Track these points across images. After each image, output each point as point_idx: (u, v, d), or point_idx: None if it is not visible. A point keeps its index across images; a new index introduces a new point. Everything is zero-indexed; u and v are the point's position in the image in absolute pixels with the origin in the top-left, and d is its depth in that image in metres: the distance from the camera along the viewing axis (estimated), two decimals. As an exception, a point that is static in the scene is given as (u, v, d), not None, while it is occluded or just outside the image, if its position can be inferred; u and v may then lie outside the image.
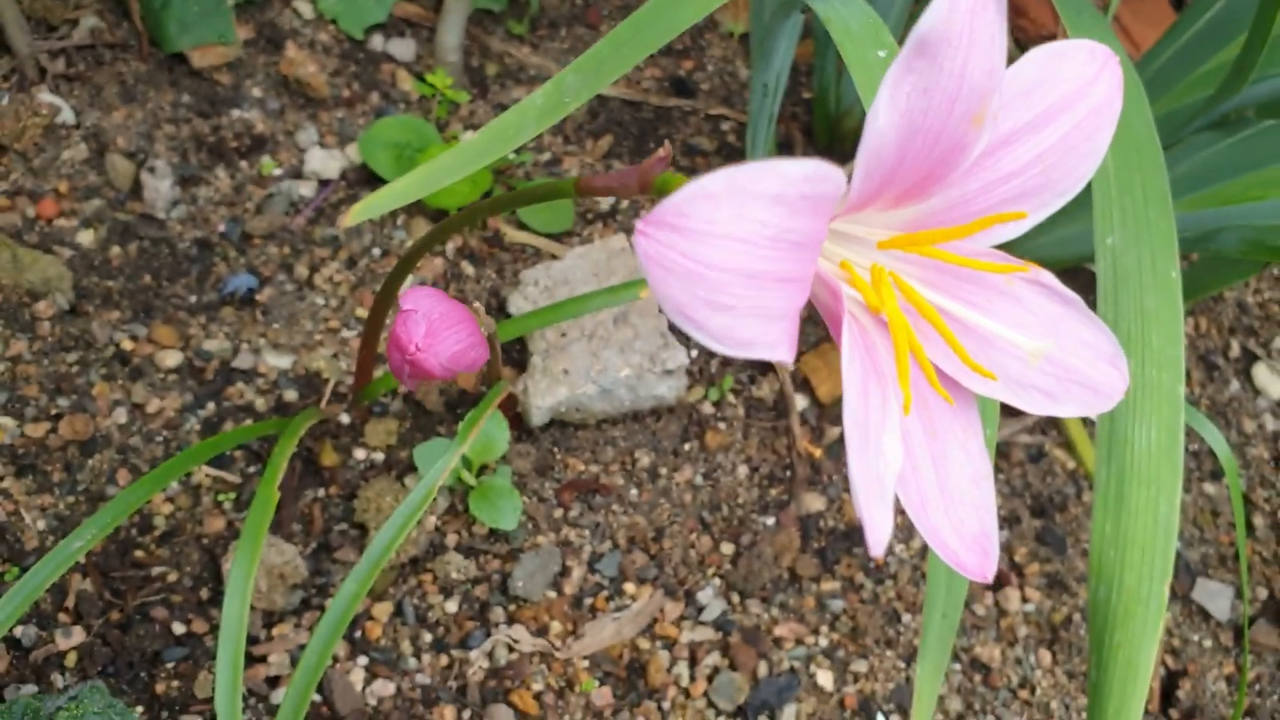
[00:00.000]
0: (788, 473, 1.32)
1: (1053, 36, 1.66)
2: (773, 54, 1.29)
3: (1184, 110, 1.29)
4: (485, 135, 1.09)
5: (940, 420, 0.61)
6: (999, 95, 0.52)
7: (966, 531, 0.60)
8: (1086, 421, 1.42)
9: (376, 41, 1.54)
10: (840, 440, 1.35)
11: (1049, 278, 0.61)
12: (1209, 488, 1.43)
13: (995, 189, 0.58)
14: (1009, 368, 0.61)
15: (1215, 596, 1.33)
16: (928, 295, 0.59)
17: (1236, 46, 1.26)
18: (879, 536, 0.54)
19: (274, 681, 1.12)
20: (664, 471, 1.30)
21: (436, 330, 0.67)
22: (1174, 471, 0.94)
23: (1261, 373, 1.51)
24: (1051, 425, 1.42)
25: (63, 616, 1.11)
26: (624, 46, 1.06)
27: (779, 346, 0.52)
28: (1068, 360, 0.62)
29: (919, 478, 0.60)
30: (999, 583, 1.30)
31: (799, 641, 1.23)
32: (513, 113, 1.09)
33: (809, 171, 0.47)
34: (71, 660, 1.09)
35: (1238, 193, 1.21)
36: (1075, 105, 0.57)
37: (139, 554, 1.15)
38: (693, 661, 1.20)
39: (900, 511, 1.33)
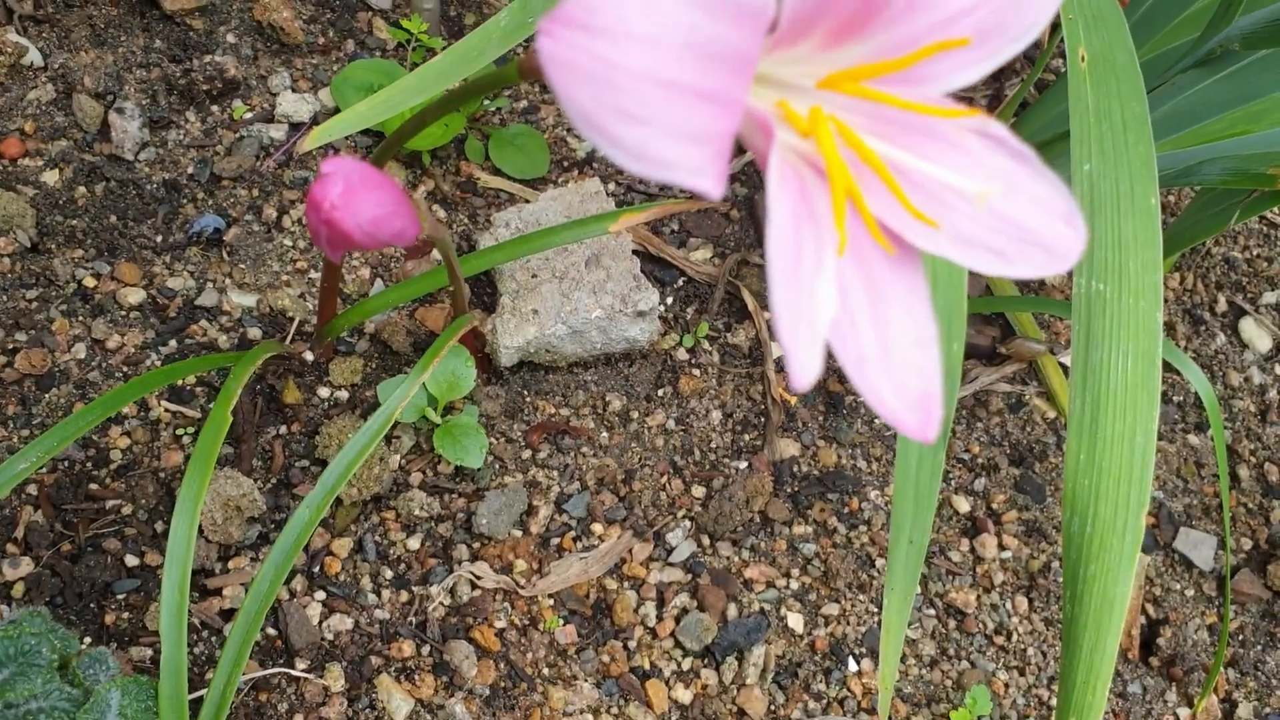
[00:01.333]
0: (762, 419, 1.29)
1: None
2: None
3: (1172, 53, 1.27)
4: (447, 57, 1.07)
5: (882, 278, 0.58)
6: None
7: (909, 392, 0.57)
8: (1068, 371, 1.39)
9: (353, -10, 1.53)
10: (819, 390, 1.32)
11: (999, 129, 0.58)
12: (1193, 439, 1.40)
13: (943, 29, 0.55)
14: (957, 224, 0.58)
15: (1198, 546, 1.30)
16: (870, 142, 0.56)
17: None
18: (804, 372, 0.51)
19: (228, 615, 1.09)
20: (636, 415, 1.27)
21: (355, 189, 0.64)
22: (1151, 400, 0.91)
23: (1249, 327, 1.48)
24: (1031, 375, 1.39)
25: (11, 548, 1.09)
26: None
27: (703, 173, 0.49)
28: (1019, 218, 0.59)
29: (857, 333, 0.57)
30: (976, 529, 1.27)
31: (769, 584, 1.20)
32: (476, 34, 1.06)
33: (730, -25, 0.44)
34: (19, 591, 1.07)
35: (1221, 129, 1.18)
36: (1031, -60, 0.54)
37: (93, 487, 1.13)
38: (661, 602, 1.17)
39: (855, 446, 1.28)
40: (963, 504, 1.28)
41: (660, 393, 1.29)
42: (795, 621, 1.18)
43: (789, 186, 0.53)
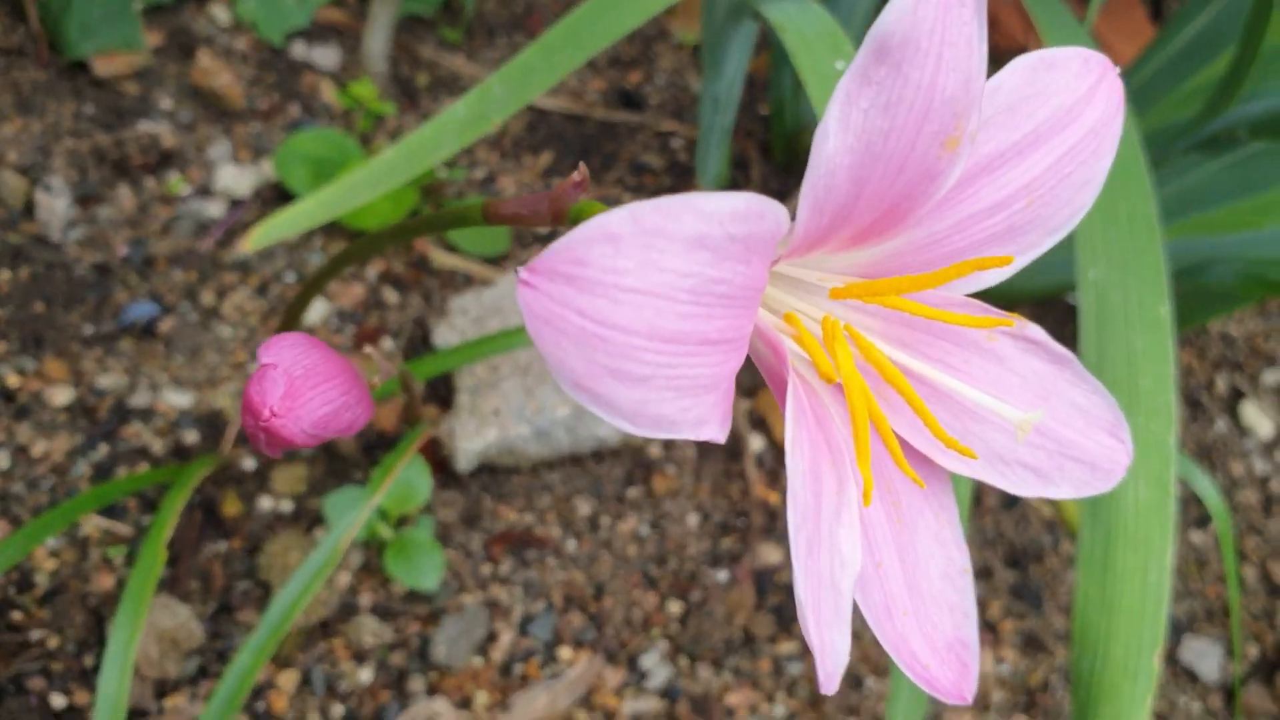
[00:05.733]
0: (742, 520, 1.21)
1: (1025, 50, 1.56)
2: (723, 64, 1.18)
3: (1168, 130, 1.20)
4: (399, 151, 0.99)
5: (908, 504, 0.51)
6: (978, 113, 0.41)
7: (939, 639, 0.50)
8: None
9: (298, 49, 1.43)
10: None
11: (1037, 332, 0.50)
12: (1195, 536, 1.32)
13: (973, 226, 0.47)
14: (991, 441, 0.51)
15: (1203, 656, 1.23)
16: (891, 354, 0.48)
17: (1223, 62, 1.17)
18: (834, 664, 0.43)
19: (163, 763, 1.00)
20: (606, 521, 1.18)
21: (298, 390, 0.55)
22: (1165, 531, 0.85)
23: (1249, 411, 1.41)
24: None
25: (-78, 691, 0.99)
26: (556, 53, 0.96)
27: (706, 424, 0.41)
28: (1060, 430, 0.51)
29: (882, 576, 0.49)
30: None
31: (753, 710, 1.12)
32: (430, 126, 0.98)
33: (738, 208, 0.37)
34: (-71, 742, 0.97)
35: (1231, 219, 1.11)
36: (1070, 125, 0.46)
37: (16, 615, 1.03)
38: (634, 735, 1.08)
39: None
40: (955, 613, 1.20)
41: (631, 494, 1.20)
42: (779, 752, 1.10)
43: (804, 422, 0.45)
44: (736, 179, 1.39)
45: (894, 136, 0.40)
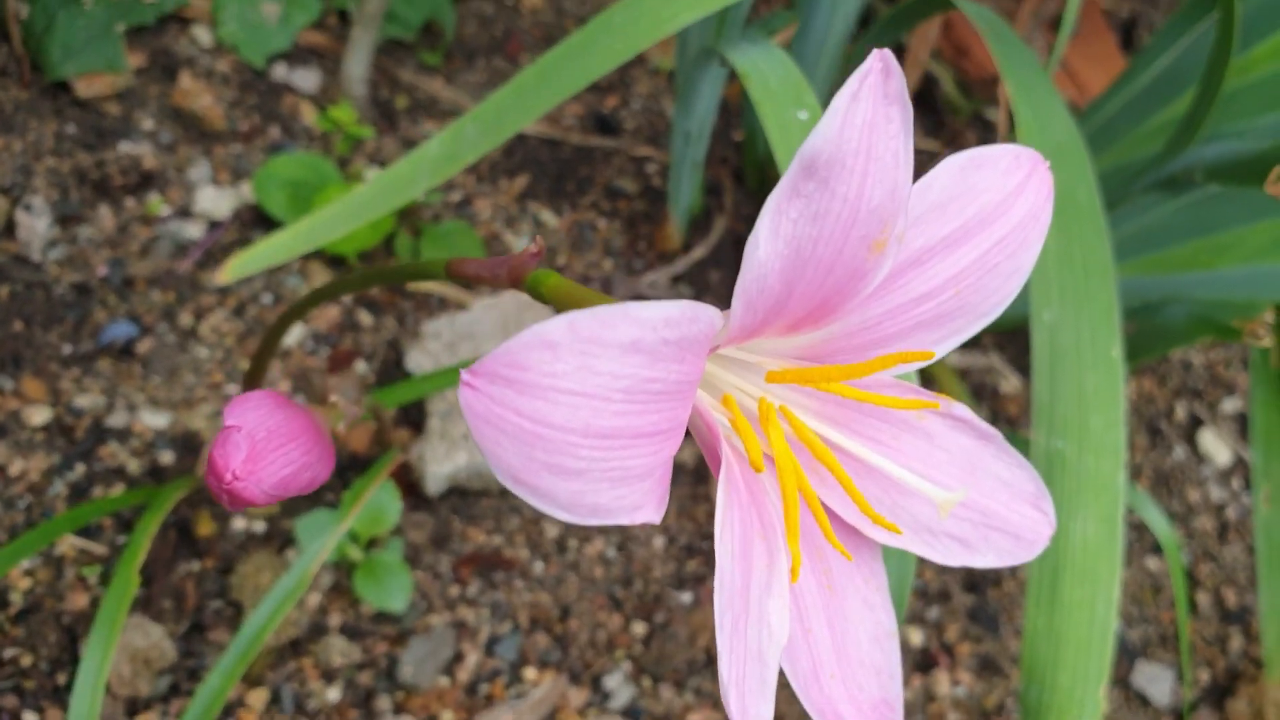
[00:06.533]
0: (706, 543, 1.24)
1: (996, 80, 1.59)
2: (694, 101, 1.20)
3: (1132, 166, 1.23)
4: (374, 187, 1.01)
5: (839, 570, 0.53)
6: (904, 217, 0.44)
7: (865, 700, 0.52)
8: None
9: (279, 71, 1.45)
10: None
11: (963, 411, 0.53)
12: (1151, 562, 1.35)
13: (903, 313, 0.50)
14: (918, 513, 0.53)
15: (1155, 681, 1.26)
16: (823, 432, 0.51)
17: (1186, 100, 1.19)
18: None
19: (134, 780, 1.02)
20: (573, 544, 1.21)
21: (261, 453, 0.57)
22: (1112, 567, 0.87)
23: (1207, 438, 1.44)
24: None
25: (-102, 708, 1.01)
26: (529, 94, 0.98)
27: (642, 508, 0.44)
28: (985, 503, 0.54)
29: (811, 642, 0.52)
30: (928, 663, 1.22)
31: (713, 731, 1.14)
32: (405, 163, 1.00)
33: (671, 314, 0.39)
34: (-95, 759, 0.99)
35: (1186, 258, 1.14)
36: (997, 220, 0.49)
37: (-9, 635, 1.05)
38: (596, 755, 1.11)
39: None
40: (915, 636, 1.23)
41: (599, 516, 1.23)
42: (738, 774, 1.12)
43: (736, 501, 0.47)
44: (709, 205, 1.42)
45: (822, 243, 0.42)
